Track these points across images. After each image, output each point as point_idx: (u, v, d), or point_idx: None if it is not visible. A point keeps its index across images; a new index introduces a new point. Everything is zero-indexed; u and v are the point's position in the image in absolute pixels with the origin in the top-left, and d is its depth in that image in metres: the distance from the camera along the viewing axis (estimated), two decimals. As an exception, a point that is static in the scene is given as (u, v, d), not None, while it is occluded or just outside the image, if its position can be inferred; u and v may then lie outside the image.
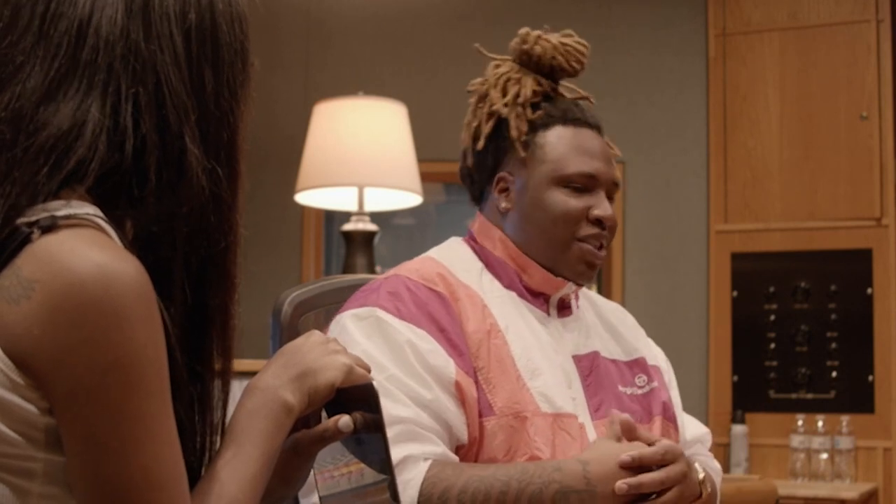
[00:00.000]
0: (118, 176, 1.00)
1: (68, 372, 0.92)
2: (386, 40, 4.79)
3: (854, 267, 4.26)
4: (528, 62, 1.71)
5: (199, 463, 1.07)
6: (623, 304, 4.53)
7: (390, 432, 1.45)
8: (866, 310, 4.23)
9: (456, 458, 1.51)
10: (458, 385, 1.53)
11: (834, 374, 4.26)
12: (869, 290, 4.24)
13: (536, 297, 1.68)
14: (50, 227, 0.94)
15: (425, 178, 3.82)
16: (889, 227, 4.23)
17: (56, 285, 0.92)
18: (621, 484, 1.43)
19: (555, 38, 1.72)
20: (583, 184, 1.66)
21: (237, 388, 1.09)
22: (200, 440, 1.07)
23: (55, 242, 0.94)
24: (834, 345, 4.27)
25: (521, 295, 1.67)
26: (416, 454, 1.46)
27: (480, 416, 1.53)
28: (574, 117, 1.69)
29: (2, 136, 0.99)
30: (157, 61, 1.03)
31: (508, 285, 1.67)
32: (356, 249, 3.68)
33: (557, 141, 1.67)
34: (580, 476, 1.44)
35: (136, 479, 0.93)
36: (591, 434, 1.59)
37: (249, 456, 1.04)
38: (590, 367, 1.66)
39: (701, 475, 1.55)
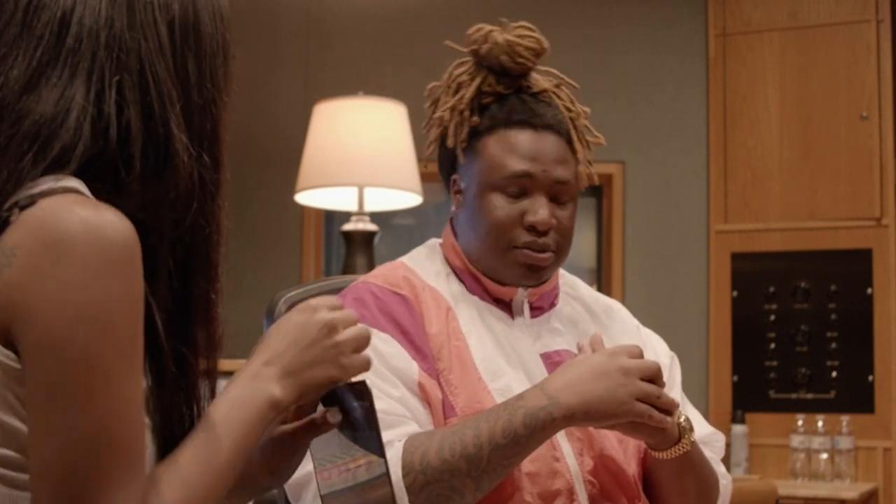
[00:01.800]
0: (103, 162, 1.01)
1: (40, 321, 0.91)
2: (386, 40, 4.79)
3: (854, 267, 4.26)
4: (481, 61, 1.68)
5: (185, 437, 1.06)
6: (623, 304, 4.52)
7: None
8: (866, 310, 4.23)
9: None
10: (421, 386, 1.54)
11: (834, 374, 4.26)
12: (869, 290, 4.24)
13: (498, 301, 1.67)
14: (29, 203, 0.95)
15: (425, 178, 3.82)
16: (889, 227, 4.23)
17: (39, 242, 0.93)
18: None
19: (502, 35, 1.67)
20: (517, 186, 1.60)
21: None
22: (188, 427, 1.06)
23: (37, 209, 0.95)
24: (834, 345, 4.27)
25: (483, 299, 1.66)
26: (392, 439, 1.46)
27: (445, 416, 1.54)
28: (518, 119, 1.63)
29: None
30: (142, 50, 1.04)
31: (472, 290, 1.67)
32: (356, 249, 3.68)
33: (494, 144, 1.63)
34: (540, 394, 1.44)
35: (93, 434, 0.91)
36: (561, 438, 1.57)
37: (220, 445, 1.02)
38: (558, 364, 1.61)
39: (682, 419, 1.53)
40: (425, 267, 1.68)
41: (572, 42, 4.35)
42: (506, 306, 1.67)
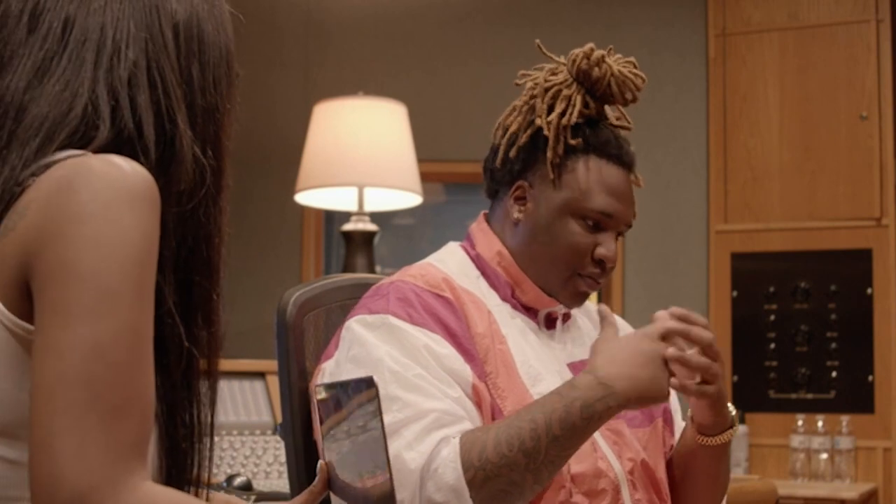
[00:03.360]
0: (116, 152, 1.01)
1: (52, 246, 0.91)
2: (386, 40, 4.79)
3: (854, 267, 4.26)
4: (584, 80, 1.68)
5: (188, 438, 1.06)
6: (623, 304, 4.53)
7: (423, 422, 1.47)
8: (866, 310, 4.23)
9: None
10: (475, 389, 1.54)
11: (834, 374, 4.26)
12: (869, 290, 4.24)
13: (527, 310, 1.69)
14: (44, 171, 0.97)
15: (425, 178, 3.82)
16: (889, 227, 4.23)
17: (55, 187, 0.94)
18: (672, 351, 1.45)
19: (616, 64, 1.69)
20: (598, 221, 1.65)
21: (236, 388, 1.09)
22: (194, 428, 1.06)
23: (56, 169, 0.96)
24: (834, 345, 4.27)
25: (513, 307, 1.67)
26: (449, 435, 1.47)
27: (492, 420, 1.54)
28: (610, 153, 1.67)
29: None
30: (148, 48, 1.06)
31: (503, 297, 1.67)
32: (356, 249, 3.68)
33: (587, 172, 1.65)
34: (595, 384, 1.45)
35: (93, 356, 0.89)
36: (599, 439, 1.59)
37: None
38: None
39: (733, 411, 1.59)
40: (456, 270, 1.68)
41: (572, 42, 4.33)
42: (533, 316, 1.69)
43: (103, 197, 0.93)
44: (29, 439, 0.89)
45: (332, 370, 1.57)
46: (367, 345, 1.53)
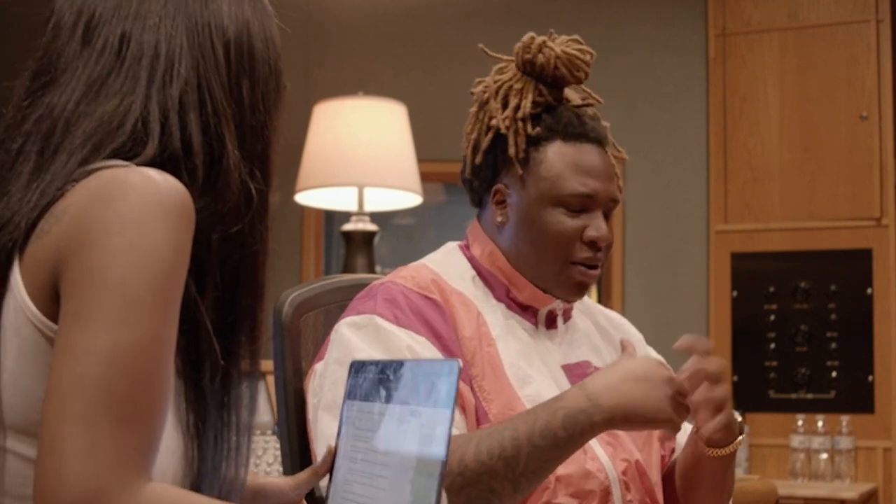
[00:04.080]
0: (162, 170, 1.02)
1: (83, 252, 0.92)
2: (386, 40, 4.79)
3: (854, 267, 4.26)
4: (531, 70, 1.66)
5: (222, 459, 1.06)
6: (623, 303, 4.53)
7: None
8: (866, 310, 4.23)
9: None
10: (458, 391, 1.52)
11: (834, 374, 4.26)
12: (869, 290, 4.24)
13: (525, 309, 1.67)
14: (85, 176, 0.97)
15: (425, 178, 3.82)
16: (889, 227, 4.22)
17: (93, 196, 0.95)
18: (681, 342, 1.43)
19: (559, 45, 1.66)
20: (579, 204, 1.62)
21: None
22: (227, 437, 1.06)
23: (93, 177, 0.97)
24: (834, 345, 4.27)
25: (509, 307, 1.66)
26: None
27: (478, 423, 1.53)
28: (575, 132, 1.64)
29: (42, 132, 1.02)
30: (199, 67, 1.07)
31: (498, 298, 1.66)
32: (356, 249, 3.68)
33: (555, 158, 1.63)
34: (580, 396, 1.41)
35: (112, 363, 0.89)
36: (592, 440, 1.58)
37: None
38: (581, 376, 1.63)
39: (739, 418, 1.56)
40: (450, 270, 1.67)
41: (572, 42, 4.34)
42: (531, 316, 1.67)
43: (138, 209, 0.93)
44: (39, 438, 0.90)
45: (321, 372, 1.57)
46: (350, 347, 1.53)
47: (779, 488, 3.04)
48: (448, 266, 1.68)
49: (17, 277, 0.97)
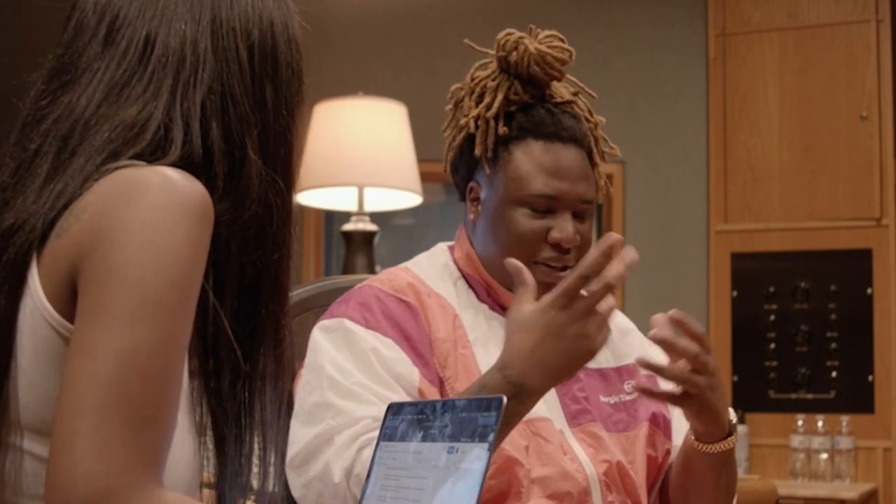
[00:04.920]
0: None
1: (101, 250, 0.92)
2: (386, 40, 4.79)
3: (854, 267, 4.26)
4: (507, 67, 1.64)
5: (243, 465, 1.05)
6: (623, 304, 4.53)
7: (353, 429, 1.45)
8: (866, 310, 4.23)
9: None
10: (421, 392, 1.52)
11: (834, 374, 4.26)
12: (869, 290, 4.24)
13: (507, 310, 1.66)
14: (105, 174, 0.97)
15: (425, 178, 3.82)
16: (889, 227, 4.23)
17: (113, 194, 0.94)
18: (660, 316, 1.41)
19: (534, 44, 1.64)
20: (544, 205, 1.58)
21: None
22: (249, 442, 1.06)
23: (116, 176, 0.97)
24: (834, 345, 4.27)
25: (492, 308, 1.65)
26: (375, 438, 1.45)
27: None
28: (547, 131, 1.61)
29: (60, 133, 1.02)
30: (223, 73, 1.05)
31: (482, 299, 1.65)
32: (356, 249, 3.68)
33: (523, 158, 1.60)
34: (503, 383, 1.36)
35: (125, 362, 0.89)
36: (571, 440, 1.57)
37: None
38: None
39: (734, 419, 1.55)
40: (431, 273, 1.66)
41: (572, 42, 4.32)
42: None
43: (159, 208, 0.93)
44: (52, 434, 0.90)
45: (302, 375, 1.58)
46: (317, 351, 1.54)
47: (779, 488, 3.04)
48: (431, 268, 1.68)
49: (34, 278, 0.97)
